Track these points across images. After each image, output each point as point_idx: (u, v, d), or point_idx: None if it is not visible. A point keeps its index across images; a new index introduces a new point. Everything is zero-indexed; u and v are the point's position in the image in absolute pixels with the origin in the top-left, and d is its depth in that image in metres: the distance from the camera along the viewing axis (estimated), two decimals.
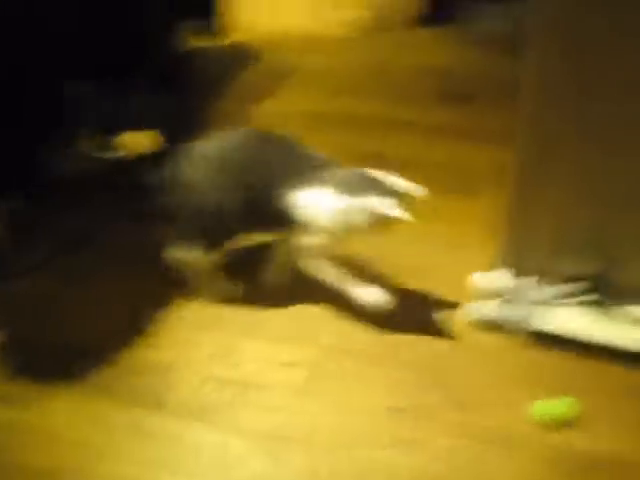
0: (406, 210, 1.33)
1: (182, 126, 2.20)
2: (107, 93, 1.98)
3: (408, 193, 1.37)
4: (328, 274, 1.44)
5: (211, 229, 1.45)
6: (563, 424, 1.27)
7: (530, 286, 1.48)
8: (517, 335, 1.44)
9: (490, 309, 1.47)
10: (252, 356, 1.42)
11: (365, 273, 1.56)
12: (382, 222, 1.35)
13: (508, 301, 1.47)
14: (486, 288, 1.50)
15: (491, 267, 1.51)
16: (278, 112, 2.31)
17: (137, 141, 2.13)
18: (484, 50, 2.69)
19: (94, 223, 1.80)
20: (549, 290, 1.47)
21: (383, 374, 1.39)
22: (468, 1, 3.57)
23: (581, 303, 1.46)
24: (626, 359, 1.37)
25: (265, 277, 1.60)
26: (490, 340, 1.45)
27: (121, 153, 2.08)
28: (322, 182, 1.39)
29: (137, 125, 2.12)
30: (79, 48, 1.79)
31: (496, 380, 1.37)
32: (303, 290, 1.55)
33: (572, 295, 1.46)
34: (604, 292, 1.44)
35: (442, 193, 1.81)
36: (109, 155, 2.07)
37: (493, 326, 1.46)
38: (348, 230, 1.39)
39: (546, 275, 1.49)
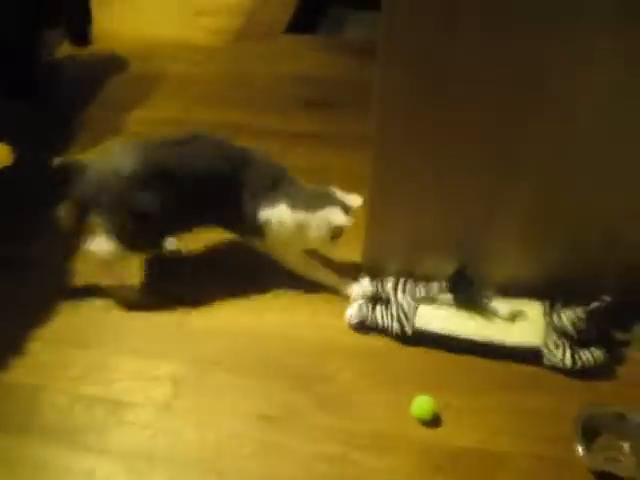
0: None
1: (40, 138, 2.20)
2: None
3: (349, 203, 1.55)
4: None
5: (135, 229, 1.53)
6: (432, 420, 1.37)
7: (393, 287, 1.58)
8: (388, 336, 1.53)
9: (358, 312, 1.55)
10: (121, 373, 1.45)
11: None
12: (334, 232, 1.53)
13: (375, 303, 1.56)
14: (357, 291, 1.60)
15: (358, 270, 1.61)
16: (144, 120, 2.33)
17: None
18: (347, 58, 2.79)
19: None
20: (411, 290, 1.56)
21: (253, 383, 1.44)
22: (333, 9, 3.68)
23: (441, 302, 1.55)
24: (489, 354, 1.48)
25: None
26: (362, 342, 1.53)
27: None
28: (279, 196, 1.55)
29: None
30: None
31: (369, 381, 1.45)
32: (166, 304, 1.61)
33: (433, 294, 1.55)
34: (462, 290, 1.54)
35: None
36: None
37: (365, 328, 1.55)
38: (305, 242, 1.57)
39: (405, 276, 1.60)
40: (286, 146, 2.16)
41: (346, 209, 1.54)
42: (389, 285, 1.59)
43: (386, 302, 1.57)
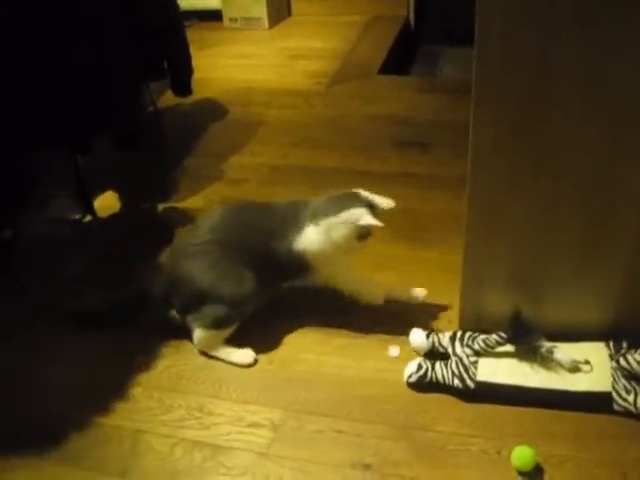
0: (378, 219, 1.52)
1: (145, 186, 2.29)
2: (78, 157, 2.06)
3: (380, 205, 1.56)
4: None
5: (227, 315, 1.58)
6: (533, 471, 1.31)
7: (451, 341, 1.54)
8: (453, 392, 1.48)
9: (417, 370, 1.50)
10: (220, 418, 1.47)
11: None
12: (361, 231, 1.55)
13: (433, 359, 1.52)
14: (419, 347, 1.57)
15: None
16: (243, 166, 2.40)
17: (104, 204, 2.21)
18: (440, 98, 2.79)
19: (61, 291, 1.86)
20: (470, 343, 1.52)
21: (350, 429, 1.42)
22: (427, 46, 3.71)
23: (501, 354, 1.51)
24: (557, 403, 1.42)
25: None
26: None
27: (91, 216, 2.15)
28: (301, 222, 1.58)
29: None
30: (49, 117, 1.85)
31: (468, 431, 1.41)
32: (265, 349, 1.63)
33: (492, 346, 1.49)
34: (522, 339, 1.49)
35: (397, 241, 1.93)
36: (84, 218, 2.14)
37: (424, 385, 1.50)
38: (340, 248, 1.57)
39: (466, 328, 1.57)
40: (380, 186, 2.15)
41: (374, 210, 1.54)
42: (446, 338, 1.56)
43: (445, 357, 1.53)
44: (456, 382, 1.47)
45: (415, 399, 1.49)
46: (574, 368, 1.47)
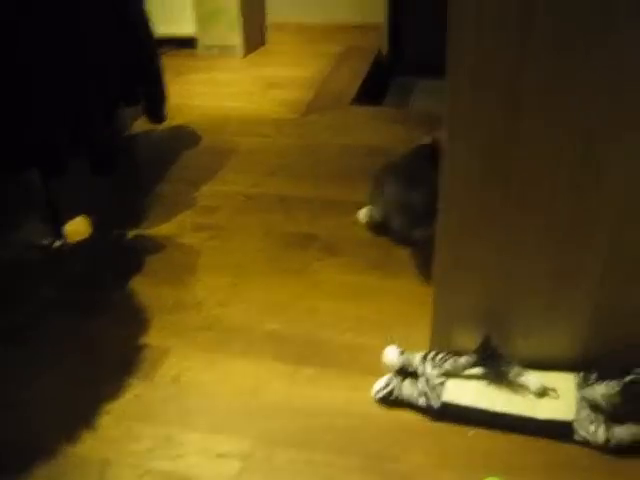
0: None
1: (116, 212, 2.29)
2: (51, 180, 2.05)
3: None
4: None
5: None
6: None
7: (421, 360, 1.55)
8: (418, 410, 1.50)
9: (385, 385, 1.53)
10: (189, 448, 1.45)
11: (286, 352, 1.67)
12: None
13: (403, 376, 1.54)
14: (391, 364, 1.57)
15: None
16: (216, 193, 2.40)
17: (74, 229, 2.19)
18: (414, 128, 2.81)
19: (29, 316, 1.84)
20: (440, 363, 1.53)
21: (322, 460, 1.42)
22: (400, 78, 3.76)
23: (470, 375, 1.52)
24: (520, 428, 1.44)
25: None
26: (427, 422, 1.50)
27: (61, 241, 2.13)
28: None
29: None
30: (23, 139, 1.85)
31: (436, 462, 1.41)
32: (231, 380, 1.62)
33: (461, 368, 1.52)
34: (491, 363, 1.51)
35: (369, 271, 1.94)
36: (54, 243, 2.12)
37: (390, 402, 1.52)
38: None
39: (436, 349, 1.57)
40: (353, 216, 2.18)
41: None
42: (417, 358, 1.57)
43: (414, 376, 1.54)
44: (421, 401, 1.49)
45: (385, 429, 1.48)
46: (541, 393, 1.49)
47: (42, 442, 1.48)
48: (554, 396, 1.49)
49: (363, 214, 2.17)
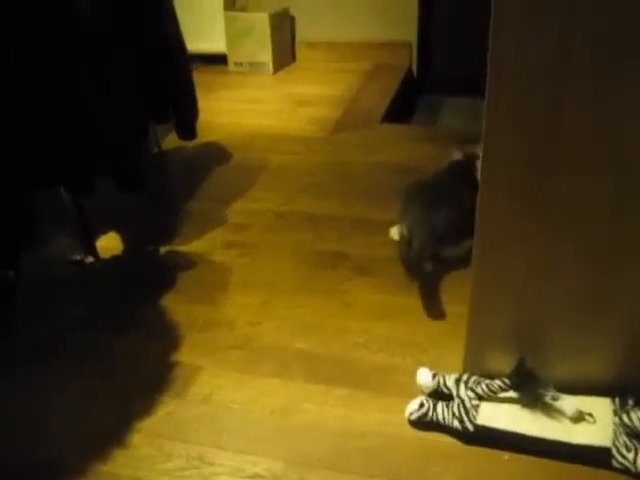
0: None
1: (147, 229, 2.29)
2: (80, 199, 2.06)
3: None
4: None
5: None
6: None
7: (455, 383, 1.54)
8: (452, 432, 1.48)
9: (419, 408, 1.51)
10: (220, 468, 1.44)
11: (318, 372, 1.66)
12: None
13: (436, 399, 1.52)
14: (424, 386, 1.56)
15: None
16: (246, 211, 2.40)
17: (106, 245, 2.21)
18: (444, 147, 2.81)
19: (61, 332, 1.85)
20: (474, 386, 1.52)
21: None
22: (429, 96, 3.76)
23: (505, 399, 1.51)
24: (555, 454, 1.41)
25: None
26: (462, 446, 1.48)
27: (92, 257, 2.14)
28: None
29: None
30: (54, 157, 1.86)
31: None
32: (266, 399, 1.61)
33: (495, 392, 1.50)
34: (526, 386, 1.49)
35: (400, 291, 1.94)
36: (86, 260, 2.13)
37: (424, 424, 1.50)
38: None
39: (470, 372, 1.56)
40: (383, 234, 2.18)
41: None
42: (451, 380, 1.55)
43: (448, 398, 1.53)
44: (456, 423, 1.47)
45: (418, 452, 1.47)
46: (577, 418, 1.46)
47: (72, 460, 1.48)
48: (590, 421, 1.47)
49: (394, 232, 2.16)
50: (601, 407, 1.49)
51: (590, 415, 1.48)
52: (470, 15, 3.50)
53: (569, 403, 1.48)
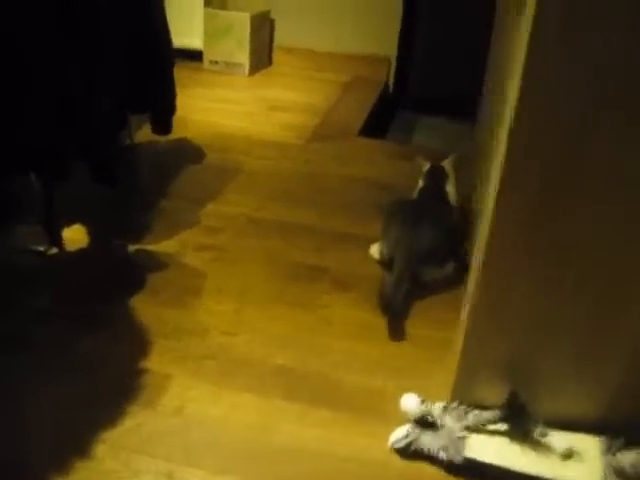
0: None
1: (114, 223, 2.18)
2: (50, 185, 1.94)
3: None
4: None
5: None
6: None
7: (442, 412, 1.47)
8: (438, 462, 1.42)
9: (405, 436, 1.45)
10: None
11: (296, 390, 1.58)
12: None
13: (422, 427, 1.46)
14: (410, 412, 1.49)
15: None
16: (219, 214, 2.30)
17: (72, 236, 2.08)
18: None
19: (23, 325, 1.73)
20: (462, 417, 1.46)
21: None
22: (404, 113, 3.72)
23: (493, 432, 1.45)
24: None
25: None
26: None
27: (57, 248, 2.02)
28: None
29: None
30: (34, 138, 1.74)
31: None
32: (242, 414, 1.52)
33: (485, 423, 1.45)
34: (516, 420, 1.44)
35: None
36: (50, 250, 2.00)
37: (408, 452, 1.44)
38: None
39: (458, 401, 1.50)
40: (357, 249, 2.11)
41: None
42: (438, 409, 1.48)
43: (433, 426, 1.46)
44: (442, 454, 1.41)
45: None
46: (566, 455, 1.42)
47: (32, 467, 1.37)
48: (578, 459, 1.42)
49: (375, 250, 2.10)
50: (590, 444, 1.45)
51: (578, 453, 1.43)
52: (453, 36, 3.49)
53: (558, 439, 1.43)
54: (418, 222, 1.99)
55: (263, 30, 3.67)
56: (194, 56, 3.62)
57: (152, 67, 2.19)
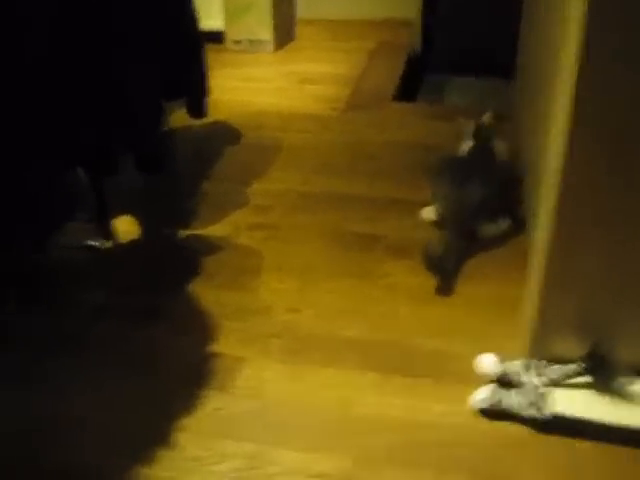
0: None
1: (163, 211, 2.16)
2: (100, 180, 1.93)
3: None
4: None
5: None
6: None
7: (525, 369, 1.44)
8: (523, 421, 1.39)
9: (491, 396, 1.42)
10: (281, 467, 1.32)
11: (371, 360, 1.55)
12: None
13: (506, 386, 1.43)
14: (487, 373, 1.47)
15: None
16: (266, 192, 2.27)
17: (124, 228, 2.06)
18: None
19: (85, 323, 1.72)
20: (544, 372, 1.42)
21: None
22: (432, 75, 3.65)
23: (577, 385, 1.42)
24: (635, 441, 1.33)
25: None
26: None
27: (110, 242, 2.00)
28: None
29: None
30: (85, 132, 1.73)
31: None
32: (319, 390, 1.50)
33: (568, 377, 1.42)
34: (601, 372, 1.41)
35: None
36: (103, 245, 1.99)
37: (491, 413, 1.41)
38: None
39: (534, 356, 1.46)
40: (410, 214, 2.08)
41: None
42: (518, 366, 1.45)
43: (515, 385, 1.43)
44: (531, 411, 1.38)
45: (491, 443, 1.37)
46: None
47: (110, 464, 1.36)
48: None
49: (427, 212, 2.05)
50: None
51: None
52: None
53: None
54: (467, 179, 1.94)
55: (284, 4, 3.60)
56: (214, 38, 3.56)
57: (187, 51, 2.16)
